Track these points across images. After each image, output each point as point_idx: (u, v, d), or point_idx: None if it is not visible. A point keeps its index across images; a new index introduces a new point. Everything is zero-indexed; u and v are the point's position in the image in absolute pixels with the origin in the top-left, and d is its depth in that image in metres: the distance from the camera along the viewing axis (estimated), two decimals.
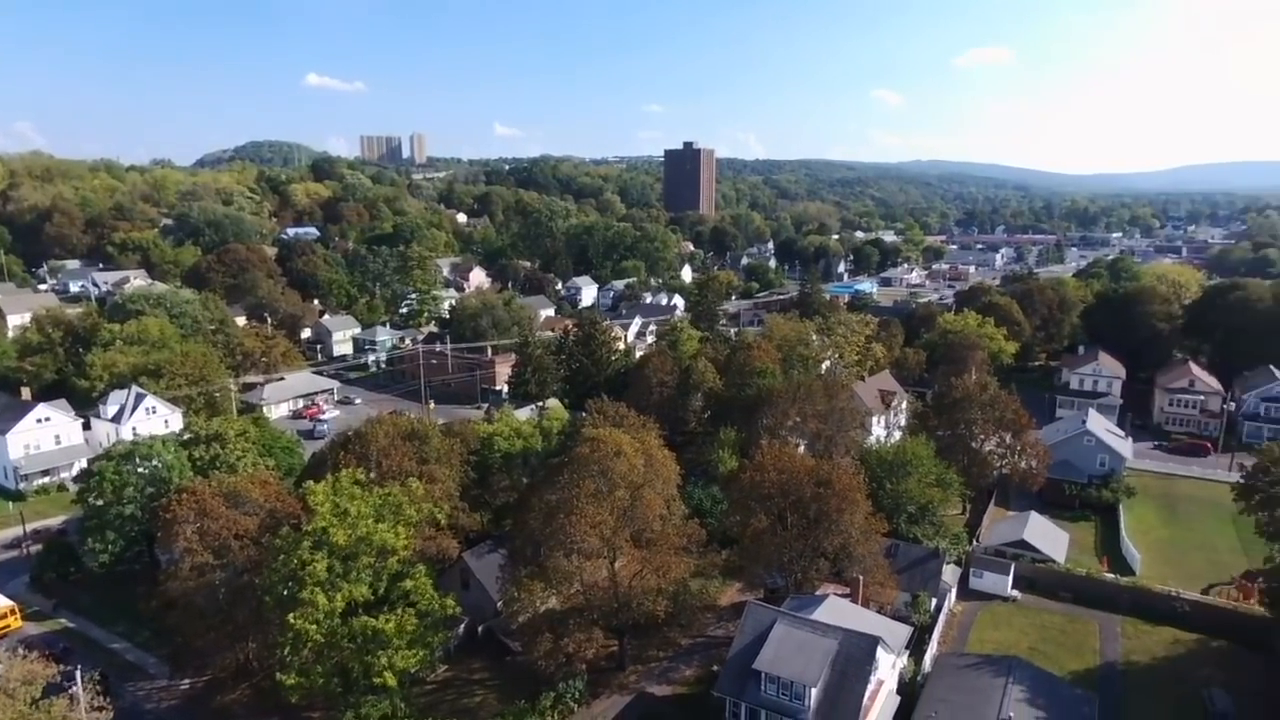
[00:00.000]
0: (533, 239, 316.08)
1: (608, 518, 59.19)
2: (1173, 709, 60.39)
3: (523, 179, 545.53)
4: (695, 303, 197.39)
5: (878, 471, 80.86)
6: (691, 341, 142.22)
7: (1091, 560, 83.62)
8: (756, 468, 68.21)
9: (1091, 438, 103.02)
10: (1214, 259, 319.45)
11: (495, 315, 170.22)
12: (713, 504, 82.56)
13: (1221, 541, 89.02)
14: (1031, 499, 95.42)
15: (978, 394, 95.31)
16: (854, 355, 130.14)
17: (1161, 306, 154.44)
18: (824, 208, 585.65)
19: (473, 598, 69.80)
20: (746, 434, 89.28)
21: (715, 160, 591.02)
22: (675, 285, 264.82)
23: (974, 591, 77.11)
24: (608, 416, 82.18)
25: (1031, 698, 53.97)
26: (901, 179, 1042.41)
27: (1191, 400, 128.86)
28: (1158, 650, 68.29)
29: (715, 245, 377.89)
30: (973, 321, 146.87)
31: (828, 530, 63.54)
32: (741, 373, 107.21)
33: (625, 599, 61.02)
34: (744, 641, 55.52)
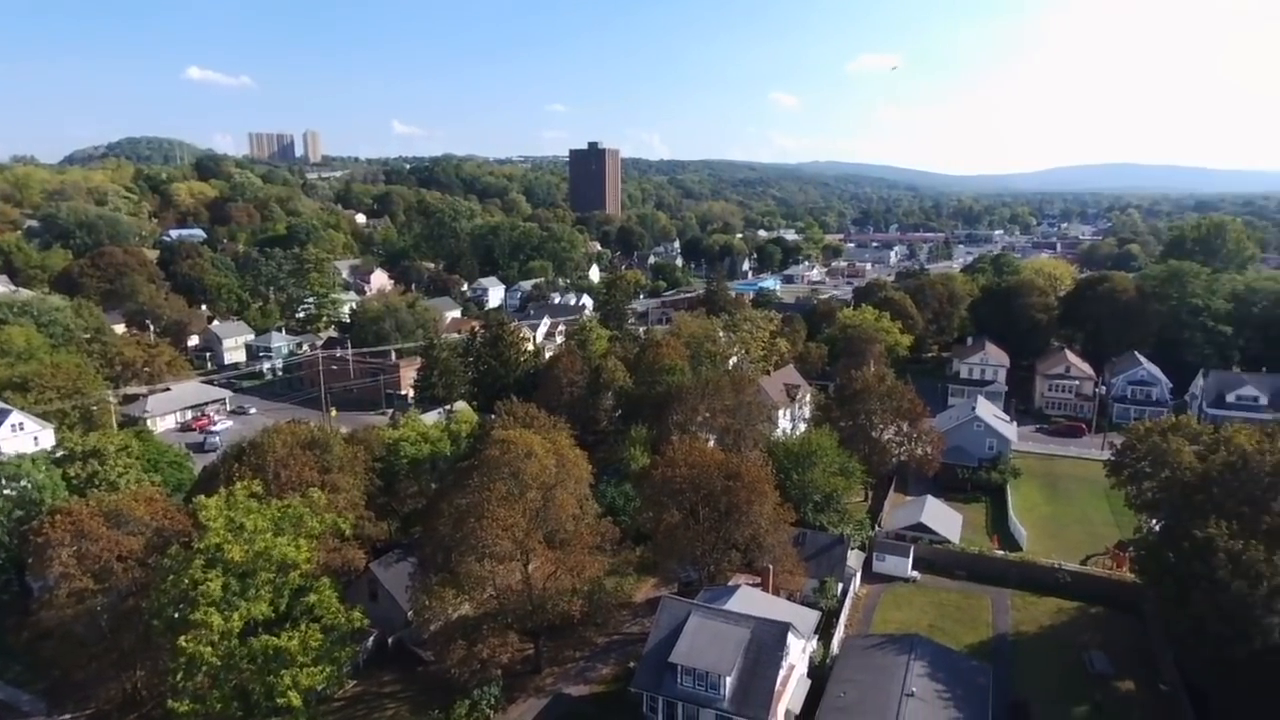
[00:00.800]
0: (436, 239, 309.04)
1: (520, 520, 58.56)
2: (1058, 672, 64.63)
3: (424, 178, 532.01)
4: (604, 302, 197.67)
5: (785, 463, 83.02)
6: (601, 341, 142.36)
7: (983, 539, 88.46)
8: (668, 463, 68.88)
9: (980, 423, 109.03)
10: (1084, 254, 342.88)
11: (399, 318, 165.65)
12: (626, 501, 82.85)
13: (1097, 515, 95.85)
14: (928, 483, 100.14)
15: (876, 385, 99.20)
16: (759, 351, 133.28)
17: (1040, 299, 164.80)
18: (728, 207, 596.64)
19: (381, 609, 67.68)
20: (657, 431, 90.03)
21: (620, 160, 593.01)
22: (583, 285, 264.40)
23: (877, 574, 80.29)
24: (518, 418, 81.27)
25: (932, 672, 56.64)
26: (801, 179, 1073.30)
27: (1068, 385, 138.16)
28: (1043, 619, 72.93)
29: (622, 245, 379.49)
30: (870, 316, 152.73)
31: (738, 522, 64.79)
32: (651, 370, 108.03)
33: (540, 601, 60.53)
34: (659, 636, 56.00)
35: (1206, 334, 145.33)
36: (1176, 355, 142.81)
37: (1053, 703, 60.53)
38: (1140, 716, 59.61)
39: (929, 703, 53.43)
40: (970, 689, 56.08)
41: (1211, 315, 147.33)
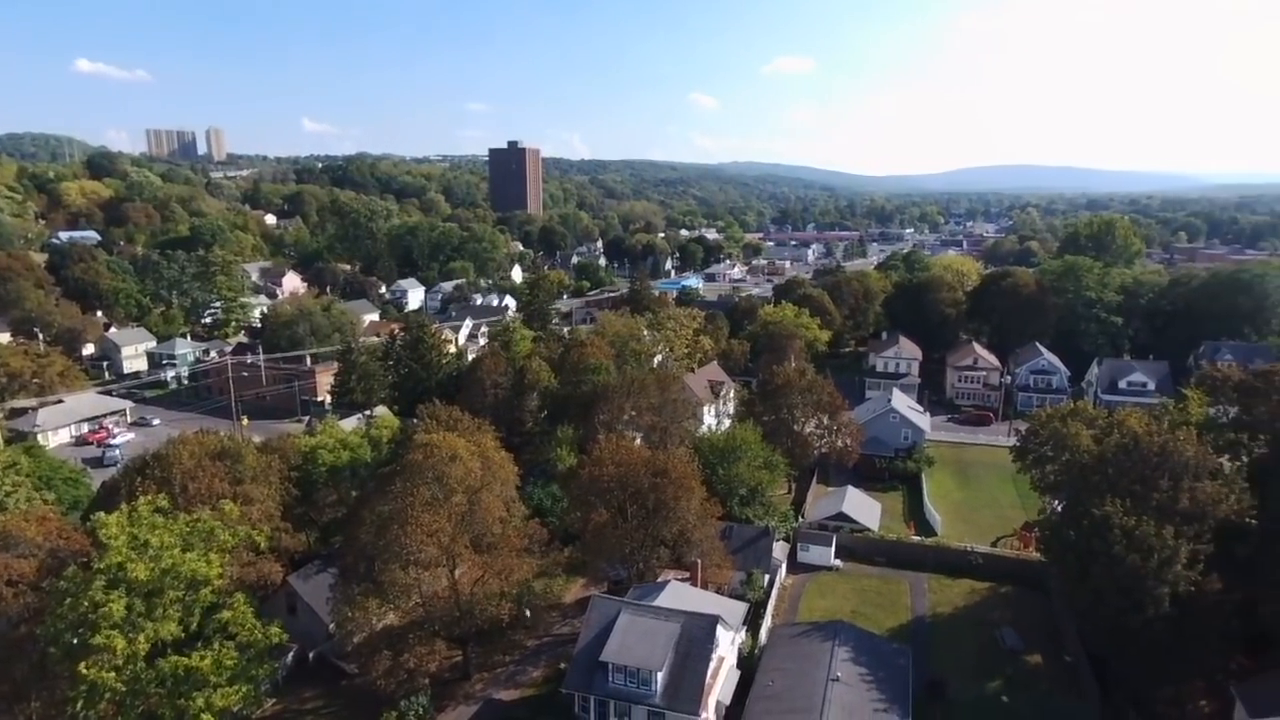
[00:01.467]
0: (352, 240, 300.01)
1: (445, 524, 57.47)
2: (972, 650, 67.58)
3: (338, 178, 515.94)
4: (527, 302, 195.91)
5: (710, 458, 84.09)
6: (525, 341, 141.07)
7: (901, 526, 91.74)
8: (595, 463, 68.81)
9: (896, 415, 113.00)
10: (988, 251, 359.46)
11: (314, 322, 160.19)
12: (553, 502, 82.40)
13: (1005, 499, 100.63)
14: (848, 474, 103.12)
15: (797, 380, 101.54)
16: (684, 348, 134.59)
17: (948, 294, 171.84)
18: (650, 207, 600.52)
19: (301, 623, 65.33)
20: (584, 430, 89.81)
21: (541, 160, 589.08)
22: (506, 286, 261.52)
23: (802, 564, 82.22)
24: (441, 421, 79.65)
25: (855, 656, 58.38)
26: (721, 179, 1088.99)
27: (976, 376, 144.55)
28: (958, 600, 76.14)
29: (545, 245, 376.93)
30: (790, 313, 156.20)
31: (666, 518, 65.26)
32: (576, 370, 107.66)
33: (468, 606, 59.56)
34: (590, 635, 55.88)
35: (1100, 325, 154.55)
36: (1074, 345, 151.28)
37: (968, 679, 63.25)
38: (1047, 687, 62.93)
39: (853, 686, 55.05)
40: (891, 670, 58.04)
41: (1104, 307, 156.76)
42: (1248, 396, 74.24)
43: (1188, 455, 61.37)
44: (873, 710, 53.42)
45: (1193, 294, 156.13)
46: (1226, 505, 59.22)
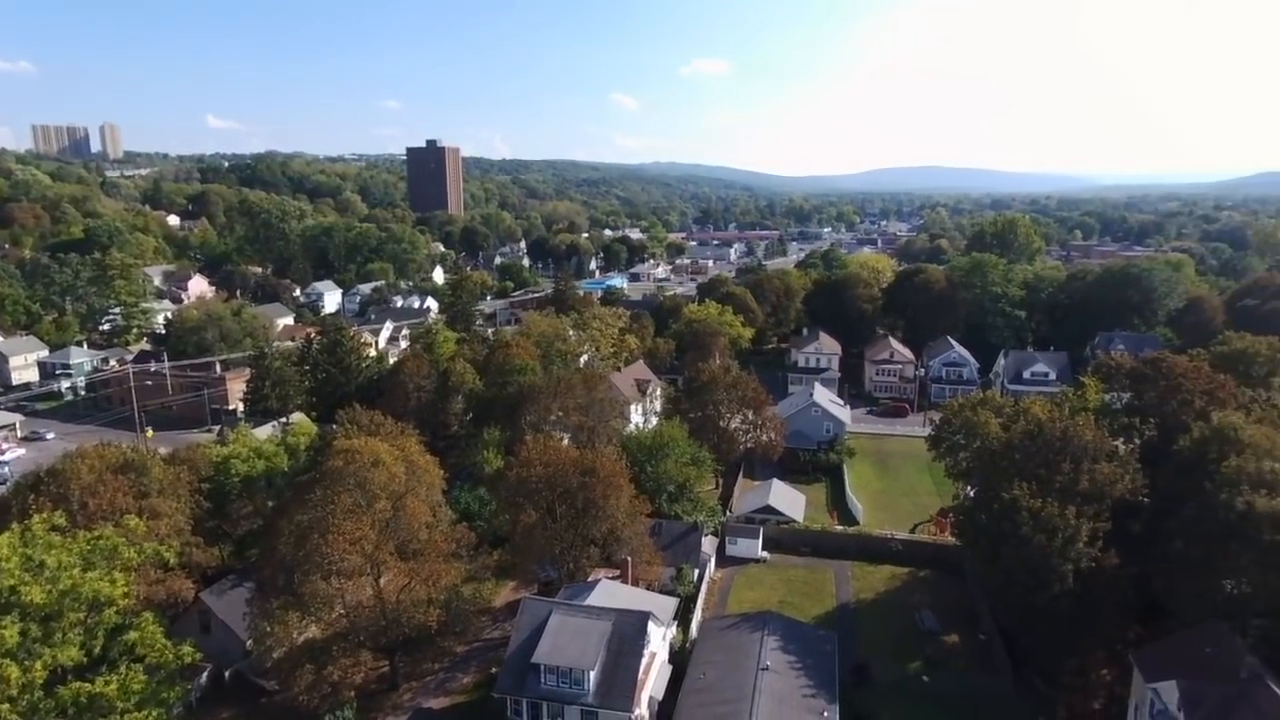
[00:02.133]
0: (263, 242, 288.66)
1: (369, 532, 55.99)
2: (894, 632, 70.03)
3: (246, 177, 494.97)
4: (450, 304, 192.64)
5: (638, 456, 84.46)
6: (448, 343, 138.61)
7: (824, 516, 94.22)
8: (522, 464, 68.21)
9: (818, 408, 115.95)
10: (902, 248, 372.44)
11: (223, 327, 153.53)
12: (481, 505, 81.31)
13: (921, 486, 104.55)
14: (773, 467, 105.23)
15: (722, 377, 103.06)
16: (609, 347, 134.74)
17: (865, 290, 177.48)
18: (573, 207, 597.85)
19: (216, 641, 62.54)
20: (510, 432, 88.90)
21: (461, 159, 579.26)
22: (427, 287, 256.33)
23: (730, 557, 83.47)
24: (362, 426, 77.60)
25: (784, 645, 59.64)
26: (643, 179, 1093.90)
27: (892, 369, 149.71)
28: (880, 586, 78.74)
29: (467, 245, 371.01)
30: (714, 311, 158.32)
31: (595, 517, 65.23)
32: (502, 371, 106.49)
33: (394, 615, 58.16)
34: (521, 637, 55.34)
35: (1005, 318, 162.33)
36: (982, 338, 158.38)
37: (890, 661, 65.52)
38: (964, 665, 65.74)
39: (782, 674, 56.23)
40: (818, 657, 59.55)
41: (1008, 302, 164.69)
42: (1138, 383, 79.35)
43: (1087, 439, 65.11)
44: (801, 696, 54.69)
45: (1088, 288, 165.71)
46: (1122, 485, 63.09)
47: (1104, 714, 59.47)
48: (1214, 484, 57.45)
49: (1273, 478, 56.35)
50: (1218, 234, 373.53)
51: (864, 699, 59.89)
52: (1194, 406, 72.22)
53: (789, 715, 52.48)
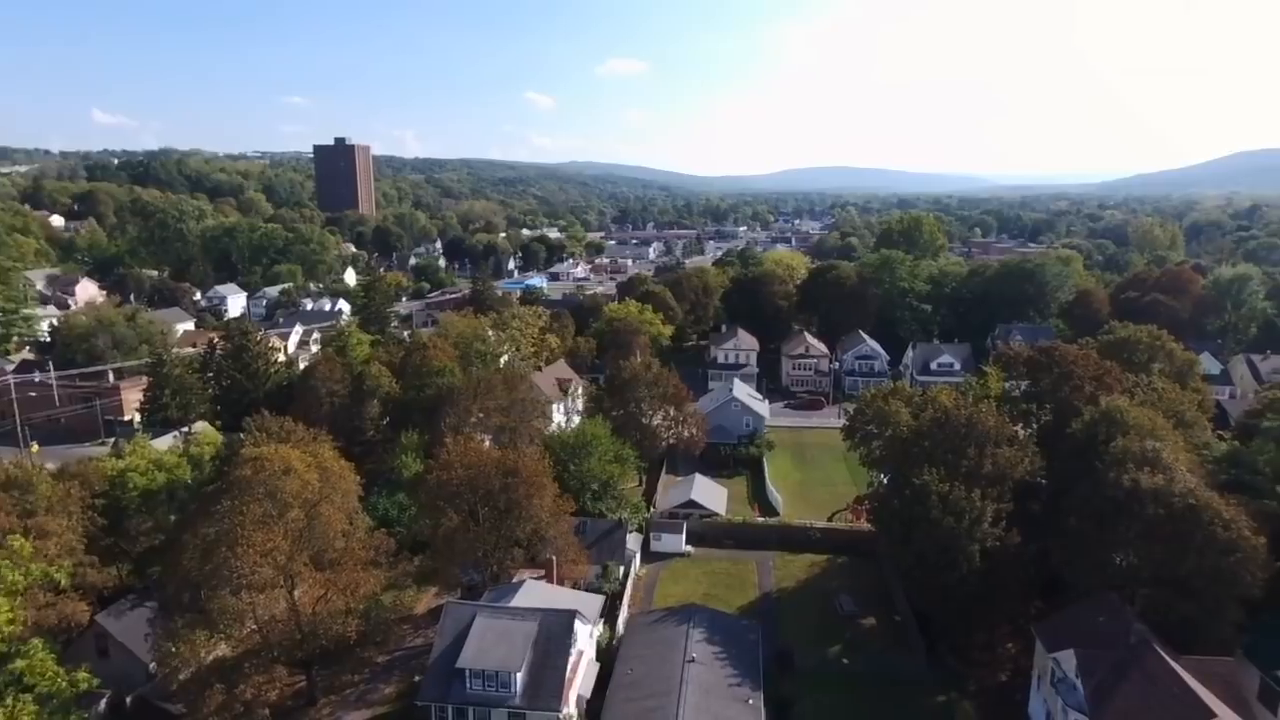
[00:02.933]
0: (159, 243, 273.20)
1: (281, 542, 53.82)
2: (815, 618, 72.01)
3: (139, 175, 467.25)
4: (363, 306, 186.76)
5: (561, 455, 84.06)
6: (362, 346, 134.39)
7: (746, 509, 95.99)
8: (443, 467, 66.89)
9: (737, 403, 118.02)
10: (815, 246, 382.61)
11: (116, 333, 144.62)
12: (400, 511, 79.40)
13: (838, 476, 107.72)
14: (695, 462, 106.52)
15: (643, 374, 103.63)
16: (530, 347, 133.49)
17: (780, 287, 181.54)
18: (490, 206, 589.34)
19: (115, 665, 58.91)
20: (429, 435, 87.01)
21: (372, 158, 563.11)
22: (339, 289, 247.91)
23: (655, 553, 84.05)
24: (272, 433, 74.41)
25: (709, 637, 60.48)
26: (560, 179, 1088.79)
27: (808, 363, 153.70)
28: (800, 574, 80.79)
29: (380, 246, 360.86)
30: (634, 309, 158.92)
31: (519, 518, 64.58)
32: (419, 374, 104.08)
33: (310, 627, 56.02)
34: (445, 643, 54.32)
35: (913, 312, 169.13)
36: (891, 331, 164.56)
37: (811, 646, 67.32)
38: (881, 645, 68.20)
39: (708, 665, 57.01)
40: (743, 646, 60.65)
41: (915, 296, 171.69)
42: (1035, 371, 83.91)
43: (989, 425, 68.44)
44: (728, 685, 55.58)
45: (988, 283, 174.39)
46: (1022, 467, 66.58)
47: (1010, 685, 62.82)
48: (1103, 463, 61.36)
49: (1154, 456, 60.58)
50: (1102, 231, 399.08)
51: (787, 684, 61.35)
52: (1084, 392, 76.85)
53: (716, 705, 53.26)
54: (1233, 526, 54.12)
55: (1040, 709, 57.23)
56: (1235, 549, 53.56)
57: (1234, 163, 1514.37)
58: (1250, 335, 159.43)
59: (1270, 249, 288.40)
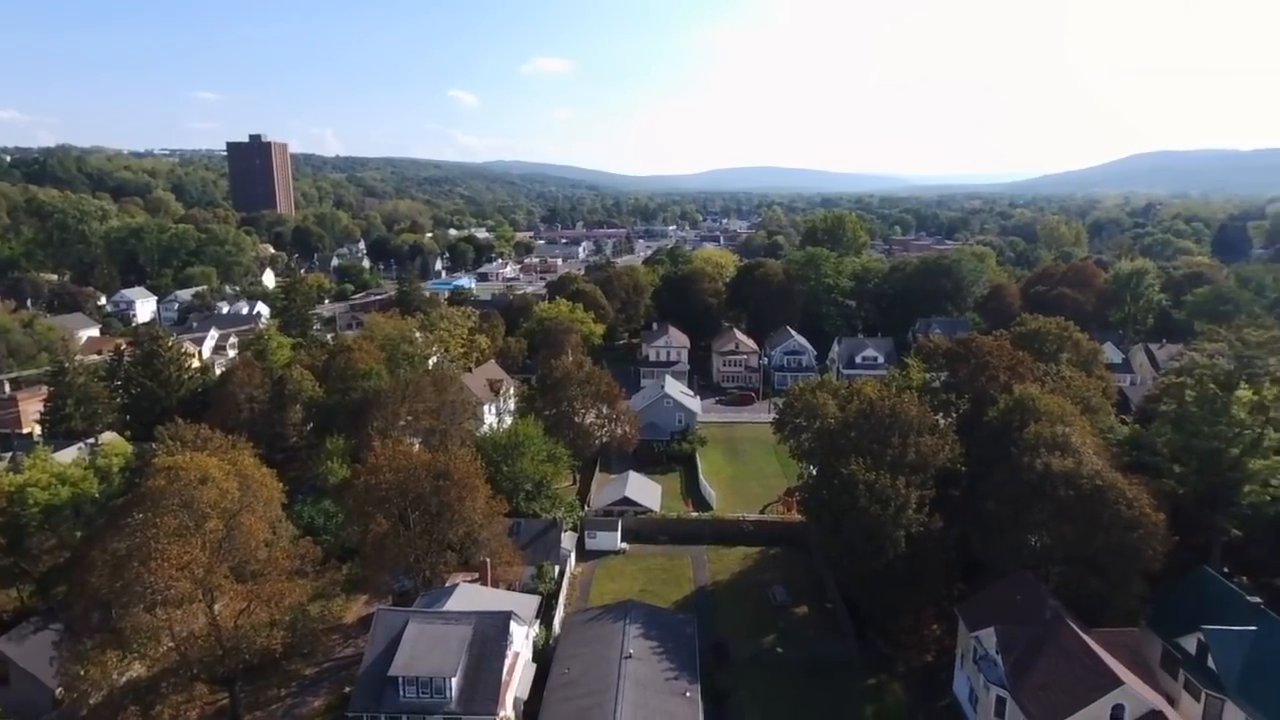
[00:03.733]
0: (58, 246, 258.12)
1: (199, 554, 51.55)
2: (749, 610, 73.11)
3: (34, 173, 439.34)
4: (283, 308, 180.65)
5: (493, 456, 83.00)
6: (283, 350, 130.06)
7: (680, 504, 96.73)
8: (370, 471, 65.17)
9: (670, 400, 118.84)
10: (742, 245, 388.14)
11: (11, 341, 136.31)
12: (326, 518, 77.19)
13: (769, 469, 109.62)
14: (629, 460, 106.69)
15: (575, 373, 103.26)
16: (459, 348, 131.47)
17: (710, 285, 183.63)
18: (415, 205, 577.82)
19: (17, 693, 55.55)
20: (356, 439, 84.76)
21: (290, 156, 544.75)
22: (256, 292, 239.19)
23: (590, 551, 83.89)
24: (186, 442, 71.23)
25: (646, 632, 60.72)
26: (487, 178, 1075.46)
27: (738, 360, 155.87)
28: (734, 566, 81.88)
29: (300, 247, 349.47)
30: (565, 308, 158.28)
31: (451, 521, 63.48)
32: (344, 377, 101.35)
33: (232, 642, 53.77)
34: (376, 651, 52.98)
35: (838, 308, 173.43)
36: (818, 327, 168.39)
37: (746, 637, 68.34)
38: (813, 633, 69.71)
39: (645, 660, 57.22)
40: (679, 640, 61.11)
41: (840, 292, 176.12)
42: (953, 362, 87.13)
43: (912, 415, 70.71)
44: (665, 680, 55.91)
45: (909, 278, 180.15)
46: (943, 455, 69.06)
47: (936, 665, 65.12)
48: (1017, 449, 64.16)
49: (1064, 440, 63.68)
50: (1013, 229, 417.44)
51: (723, 676, 62.14)
52: (999, 381, 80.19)
53: (653, 699, 53.51)
54: (1135, 505, 57.37)
55: (964, 686, 59.55)
56: (1138, 526, 56.80)
57: (1130, 164, 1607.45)
58: (1148, 326, 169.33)
59: (1164, 245, 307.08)
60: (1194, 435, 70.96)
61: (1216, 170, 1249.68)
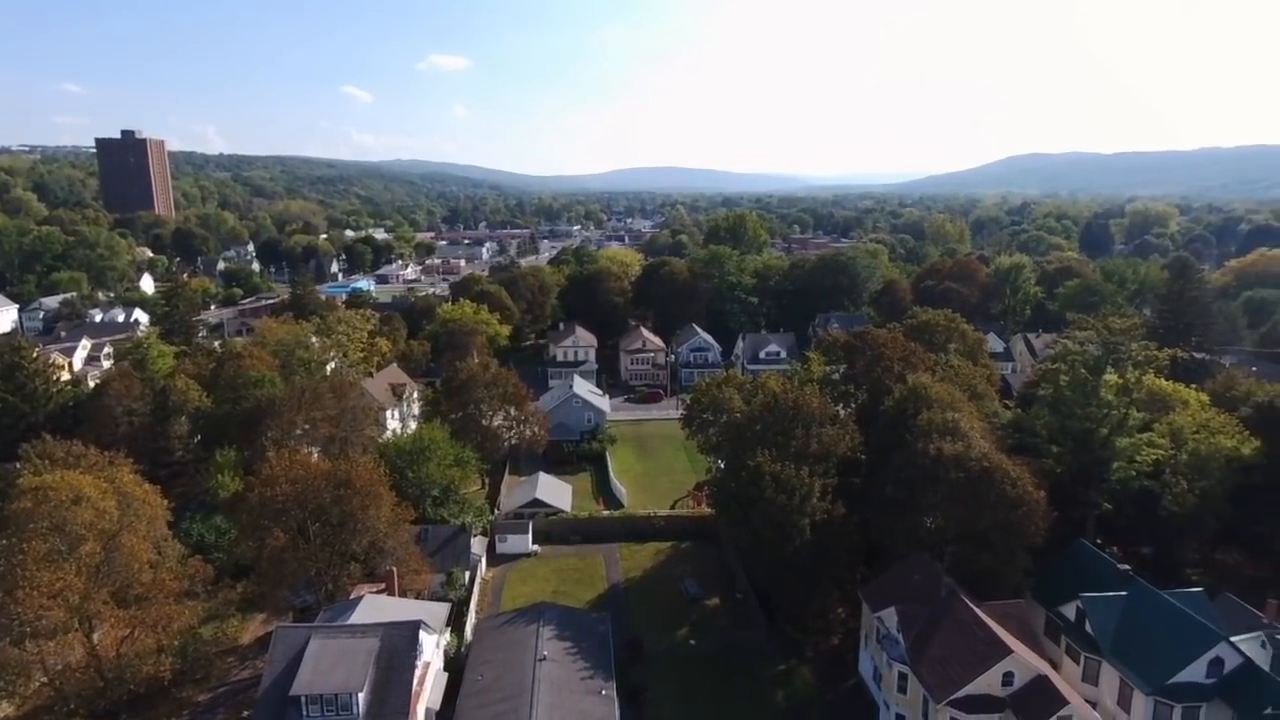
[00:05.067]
0: None
1: (74, 580, 47.98)
2: (662, 604, 73.79)
3: None
4: (164, 315, 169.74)
5: (398, 462, 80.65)
6: (165, 358, 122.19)
7: (591, 503, 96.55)
8: (265, 483, 62.10)
9: (578, 400, 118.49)
10: (647, 244, 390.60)
11: None
12: (218, 535, 73.33)
13: (678, 465, 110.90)
14: (539, 461, 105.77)
15: (482, 375, 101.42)
16: (359, 353, 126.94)
17: (616, 284, 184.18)
18: (308, 206, 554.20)
19: None
20: (249, 451, 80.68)
21: (169, 153, 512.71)
22: (134, 298, 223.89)
23: (502, 555, 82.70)
24: (56, 460, 65.99)
25: (560, 633, 60.29)
26: (385, 177, 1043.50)
27: (645, 357, 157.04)
28: (646, 563, 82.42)
29: (182, 250, 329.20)
30: (469, 310, 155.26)
31: (354, 531, 61.29)
32: (234, 386, 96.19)
33: (115, 673, 50.39)
34: (276, 671, 50.45)
35: (741, 305, 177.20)
36: (723, 323, 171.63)
37: (660, 631, 68.94)
38: (725, 624, 70.99)
39: (560, 661, 56.83)
40: (594, 639, 60.97)
41: (743, 289, 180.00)
42: (851, 355, 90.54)
43: (814, 407, 73.02)
44: (580, 680, 55.67)
45: (807, 275, 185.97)
46: (844, 444, 71.63)
47: (842, 647, 67.48)
48: (912, 435, 67.24)
49: (954, 426, 67.15)
50: (903, 227, 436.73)
51: (639, 671, 62.48)
52: (894, 372, 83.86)
53: (569, 700, 53.22)
54: (1019, 485, 61.10)
55: (869, 665, 61.98)
56: (1022, 504, 60.52)
57: (1007, 165, 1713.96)
58: (1026, 316, 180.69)
59: (1038, 241, 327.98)
60: (1068, 417, 76.27)
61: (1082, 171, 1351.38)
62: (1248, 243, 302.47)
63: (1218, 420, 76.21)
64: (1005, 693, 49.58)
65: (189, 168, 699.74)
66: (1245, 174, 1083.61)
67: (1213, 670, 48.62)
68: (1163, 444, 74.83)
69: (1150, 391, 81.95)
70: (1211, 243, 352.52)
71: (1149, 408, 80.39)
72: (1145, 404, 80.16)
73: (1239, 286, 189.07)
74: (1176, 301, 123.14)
